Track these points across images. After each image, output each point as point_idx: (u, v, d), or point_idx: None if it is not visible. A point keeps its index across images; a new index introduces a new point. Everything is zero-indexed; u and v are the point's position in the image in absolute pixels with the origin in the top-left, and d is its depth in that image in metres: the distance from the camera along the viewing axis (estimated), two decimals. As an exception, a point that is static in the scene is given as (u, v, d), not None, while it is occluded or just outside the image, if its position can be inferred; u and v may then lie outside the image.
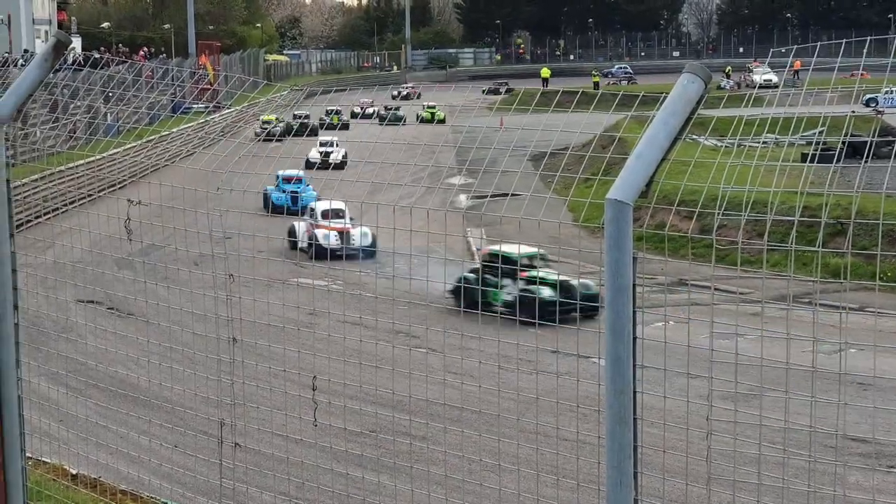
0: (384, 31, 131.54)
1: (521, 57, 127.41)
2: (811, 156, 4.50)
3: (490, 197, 5.55)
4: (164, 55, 76.91)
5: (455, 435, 5.91)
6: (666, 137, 3.38)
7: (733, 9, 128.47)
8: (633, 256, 3.38)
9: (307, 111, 45.32)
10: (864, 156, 4.81)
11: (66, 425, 7.13)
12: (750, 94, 5.02)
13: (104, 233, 6.37)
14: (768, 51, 23.29)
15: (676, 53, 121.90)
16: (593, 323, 4.01)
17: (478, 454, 5.69)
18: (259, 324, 5.84)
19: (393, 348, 5.61)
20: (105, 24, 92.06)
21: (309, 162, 37.41)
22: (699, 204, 4.05)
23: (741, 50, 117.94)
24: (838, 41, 4.16)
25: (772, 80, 50.36)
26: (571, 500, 4.97)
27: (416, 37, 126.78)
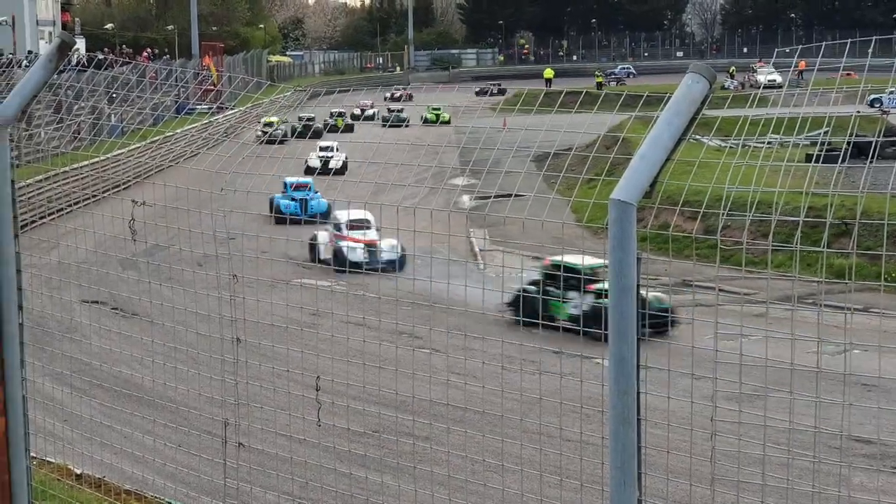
0: (387, 31, 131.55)
1: (524, 58, 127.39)
2: (816, 156, 4.49)
3: (493, 198, 5.55)
4: (168, 56, 76.96)
5: (458, 435, 5.91)
6: (670, 138, 3.38)
7: (737, 9, 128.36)
8: (637, 257, 3.38)
9: (312, 113, 44.94)
10: (869, 156, 4.81)
11: (70, 425, 7.13)
12: (754, 95, 5.02)
13: (108, 233, 6.37)
14: (772, 51, 23.18)
15: (680, 54, 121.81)
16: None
17: (481, 454, 5.69)
18: (263, 324, 5.84)
19: (396, 349, 5.62)
20: (109, 26, 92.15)
21: (308, 167, 36.58)
22: (703, 204, 4.05)
23: (745, 50, 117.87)
24: (843, 41, 4.16)
25: (776, 81, 50.29)
26: (575, 501, 4.96)
27: (418, 37, 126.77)
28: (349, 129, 31.12)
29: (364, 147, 6.21)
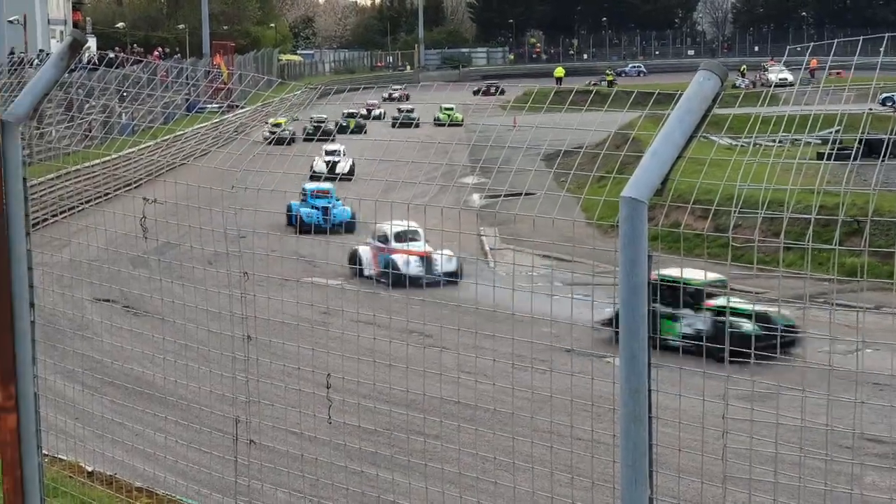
0: (397, 30, 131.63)
1: (535, 56, 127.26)
2: (827, 154, 4.47)
3: (504, 196, 5.54)
4: (179, 55, 77.11)
5: (469, 433, 5.91)
6: (682, 135, 3.37)
7: (748, 7, 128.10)
8: (648, 255, 3.37)
9: (323, 114, 44.54)
10: (881, 154, 4.79)
11: (82, 422, 7.15)
12: (765, 93, 5.01)
13: (120, 231, 6.39)
14: (783, 50, 23.06)
15: (691, 52, 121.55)
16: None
17: (492, 453, 5.69)
18: (273, 322, 5.85)
19: (407, 347, 5.62)
20: (120, 25, 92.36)
21: (314, 173, 35.70)
22: (715, 202, 4.04)
23: (756, 49, 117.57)
24: (854, 38, 4.14)
25: (787, 80, 50.18)
26: (586, 500, 4.96)
27: (429, 36, 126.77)
28: (359, 129, 30.76)
29: (374, 146, 6.21)
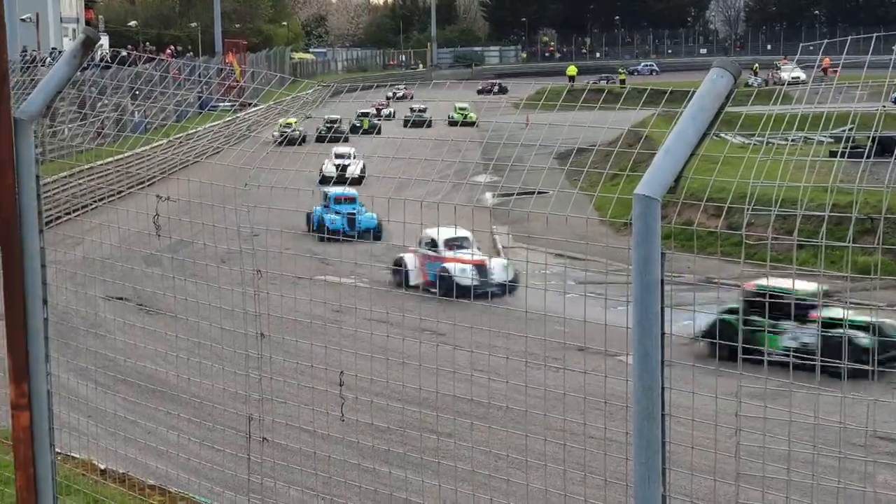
0: (410, 29, 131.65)
1: (548, 55, 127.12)
2: (840, 152, 4.46)
3: (516, 194, 5.54)
4: (191, 53, 77.27)
5: (482, 431, 5.91)
6: (695, 133, 3.37)
7: (761, 6, 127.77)
8: (662, 252, 3.37)
9: (336, 115, 44.14)
10: (894, 152, 4.78)
11: (94, 420, 7.17)
12: (778, 91, 4.99)
13: (133, 229, 6.40)
14: (796, 48, 22.97)
15: (704, 51, 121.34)
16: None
17: (504, 451, 5.69)
18: (286, 320, 5.85)
19: (420, 345, 5.62)
20: (132, 23, 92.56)
21: (324, 177, 35.06)
22: (728, 200, 4.03)
23: (769, 47, 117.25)
24: (868, 35, 4.13)
25: (800, 78, 50.03)
26: (599, 497, 4.96)
27: (441, 35, 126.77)
28: (372, 129, 30.50)
29: (386, 144, 6.20)
